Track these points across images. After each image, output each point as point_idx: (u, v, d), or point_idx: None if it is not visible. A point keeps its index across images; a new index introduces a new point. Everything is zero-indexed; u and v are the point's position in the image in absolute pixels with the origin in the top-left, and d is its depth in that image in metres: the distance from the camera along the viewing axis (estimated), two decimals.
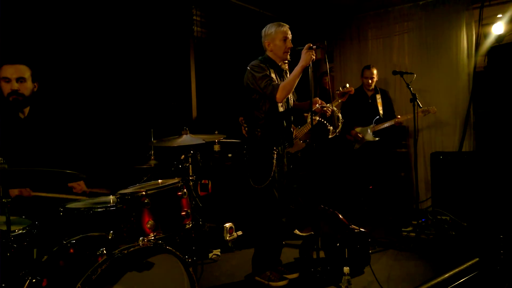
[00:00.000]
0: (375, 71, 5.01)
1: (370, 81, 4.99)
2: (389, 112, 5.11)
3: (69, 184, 2.74)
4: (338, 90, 3.95)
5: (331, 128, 3.30)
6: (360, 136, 4.88)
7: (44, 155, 2.67)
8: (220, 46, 5.04)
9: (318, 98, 3.26)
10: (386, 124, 4.88)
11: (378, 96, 5.08)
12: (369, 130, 4.94)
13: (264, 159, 3.09)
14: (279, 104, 3.12)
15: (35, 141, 2.68)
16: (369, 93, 5.07)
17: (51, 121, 2.81)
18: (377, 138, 4.90)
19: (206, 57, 4.86)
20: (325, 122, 3.30)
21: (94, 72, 3.66)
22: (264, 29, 3.19)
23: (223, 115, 4.84)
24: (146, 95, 4.10)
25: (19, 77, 2.61)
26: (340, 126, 3.34)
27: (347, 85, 3.96)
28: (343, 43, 6.20)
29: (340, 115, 3.36)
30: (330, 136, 3.33)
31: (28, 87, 2.65)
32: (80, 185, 2.78)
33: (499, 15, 4.99)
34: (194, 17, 4.74)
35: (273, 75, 3.09)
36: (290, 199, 4.26)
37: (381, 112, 5.02)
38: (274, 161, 3.08)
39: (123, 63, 3.88)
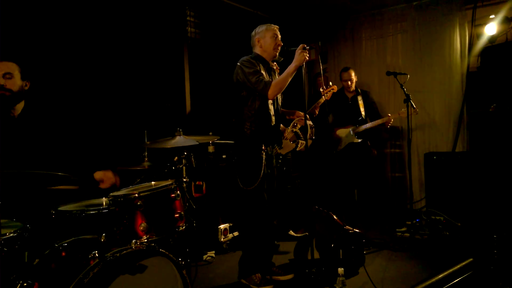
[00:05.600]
0: (353, 73, 5.06)
1: (349, 83, 5.03)
2: (372, 113, 5.13)
3: (96, 177, 2.58)
4: (322, 88, 3.97)
5: (302, 141, 3.28)
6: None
7: (36, 156, 2.64)
8: (214, 47, 5.03)
9: (300, 112, 3.30)
10: (368, 125, 4.89)
11: (360, 98, 5.10)
12: (351, 132, 4.95)
13: (253, 160, 3.06)
14: (269, 102, 3.11)
15: (27, 141, 2.65)
16: (350, 95, 5.09)
17: (43, 121, 2.78)
18: (359, 140, 4.90)
19: (200, 58, 4.84)
20: (300, 134, 3.26)
21: (87, 73, 3.63)
22: (254, 30, 3.23)
23: (217, 116, 4.83)
24: (140, 96, 4.08)
25: (6, 72, 2.57)
26: (309, 140, 3.31)
27: (330, 83, 3.99)
28: (337, 44, 6.22)
29: (311, 129, 3.33)
30: (298, 149, 3.32)
31: (16, 83, 2.61)
32: (108, 175, 2.59)
33: (492, 16, 5.02)
34: (188, 18, 4.72)
35: (263, 72, 3.08)
36: (284, 200, 4.25)
37: (363, 113, 5.04)
38: (264, 162, 3.05)
39: (117, 64, 3.86)
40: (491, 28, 4.95)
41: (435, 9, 5.33)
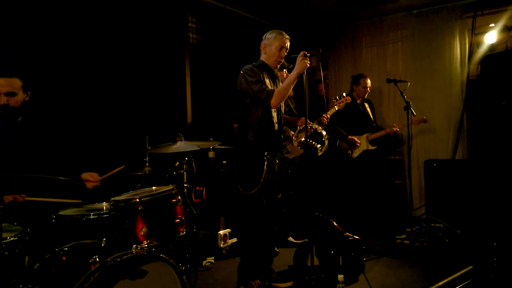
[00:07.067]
0: (369, 81, 5.04)
1: (368, 89, 5.00)
2: (376, 121, 5.15)
3: (82, 177, 2.56)
4: (336, 99, 3.97)
5: (319, 146, 3.27)
6: (359, 142, 4.86)
7: (38, 161, 2.64)
8: (216, 53, 5.05)
9: (303, 118, 3.27)
10: (382, 132, 4.90)
11: (366, 105, 5.11)
12: (366, 139, 4.94)
13: (255, 165, 3.05)
14: (273, 110, 3.12)
15: (27, 147, 2.65)
16: (359, 102, 5.08)
17: (44, 126, 2.78)
18: (374, 147, 4.90)
19: (202, 64, 4.86)
20: (311, 141, 3.25)
21: (89, 78, 3.64)
22: (266, 33, 3.18)
23: (218, 122, 4.84)
24: (141, 101, 4.09)
25: (9, 91, 2.53)
26: (326, 142, 3.32)
27: (344, 94, 4.00)
28: (338, 51, 6.24)
29: (324, 131, 3.33)
30: (319, 154, 3.30)
31: (18, 99, 2.57)
32: (94, 177, 2.57)
33: (492, 25, 5.06)
34: (190, 24, 4.75)
35: (266, 80, 3.08)
36: (285, 206, 4.25)
37: (372, 120, 5.04)
38: (265, 167, 3.05)
39: (119, 69, 3.87)
40: (491, 37, 4.98)
41: (435, 17, 5.36)
